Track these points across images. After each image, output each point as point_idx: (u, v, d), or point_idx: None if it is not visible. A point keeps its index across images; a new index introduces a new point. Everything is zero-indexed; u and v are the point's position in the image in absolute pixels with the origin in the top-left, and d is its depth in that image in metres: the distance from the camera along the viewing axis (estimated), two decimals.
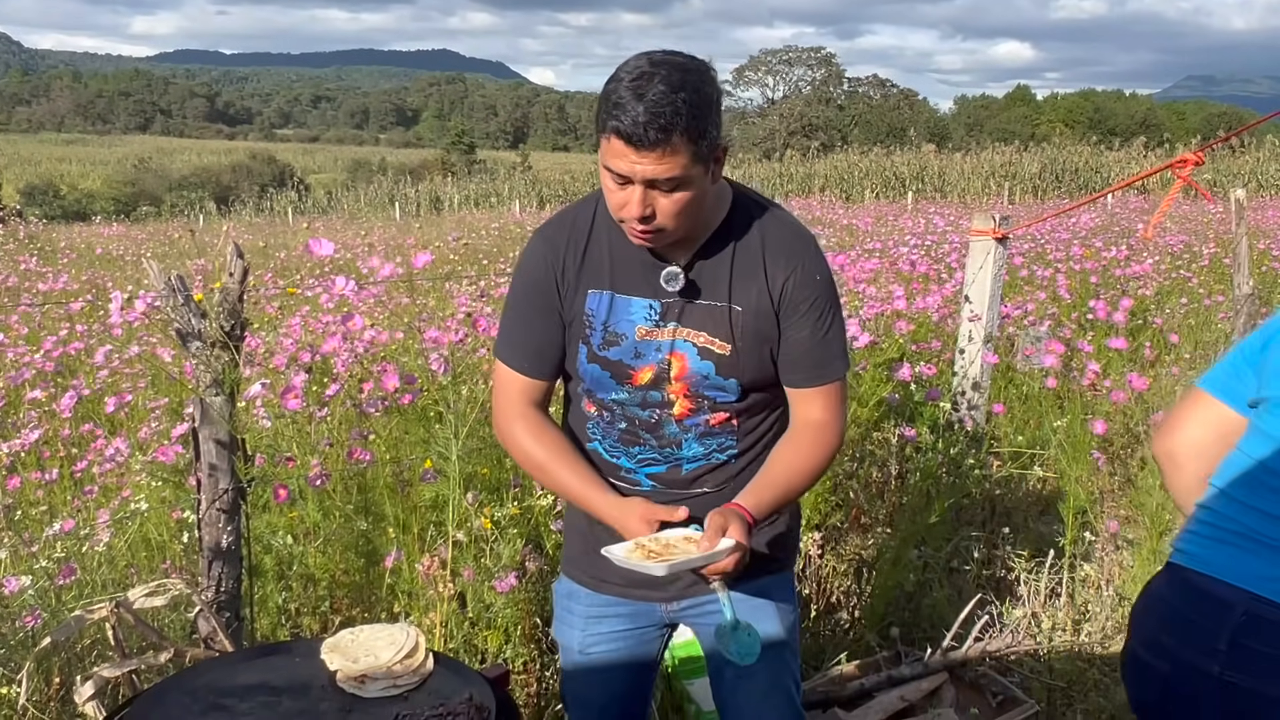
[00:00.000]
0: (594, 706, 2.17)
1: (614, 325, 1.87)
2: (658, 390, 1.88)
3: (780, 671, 2.06)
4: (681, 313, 1.85)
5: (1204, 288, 8.33)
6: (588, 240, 1.89)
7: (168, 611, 2.73)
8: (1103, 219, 14.45)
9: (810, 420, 1.89)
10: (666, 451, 1.92)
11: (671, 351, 1.85)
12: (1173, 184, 3.04)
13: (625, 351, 1.87)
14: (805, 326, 1.84)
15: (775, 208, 1.91)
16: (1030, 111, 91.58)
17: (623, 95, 1.61)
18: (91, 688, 2.22)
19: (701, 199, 1.73)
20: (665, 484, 1.95)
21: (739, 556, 1.71)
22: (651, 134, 1.59)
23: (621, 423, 1.93)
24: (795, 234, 1.87)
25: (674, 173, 1.64)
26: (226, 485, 2.47)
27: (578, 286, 1.89)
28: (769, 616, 2.03)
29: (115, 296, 2.11)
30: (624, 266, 1.87)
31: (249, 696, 1.77)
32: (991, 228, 4.74)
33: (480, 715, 1.68)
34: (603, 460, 1.99)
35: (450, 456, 2.63)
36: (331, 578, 2.97)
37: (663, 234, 1.74)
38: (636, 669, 2.15)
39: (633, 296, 1.86)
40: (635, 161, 1.63)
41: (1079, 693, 3.09)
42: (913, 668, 2.91)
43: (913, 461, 4.15)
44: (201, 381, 2.43)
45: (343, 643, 1.91)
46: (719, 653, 2.03)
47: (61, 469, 3.73)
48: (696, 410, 1.89)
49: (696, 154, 1.64)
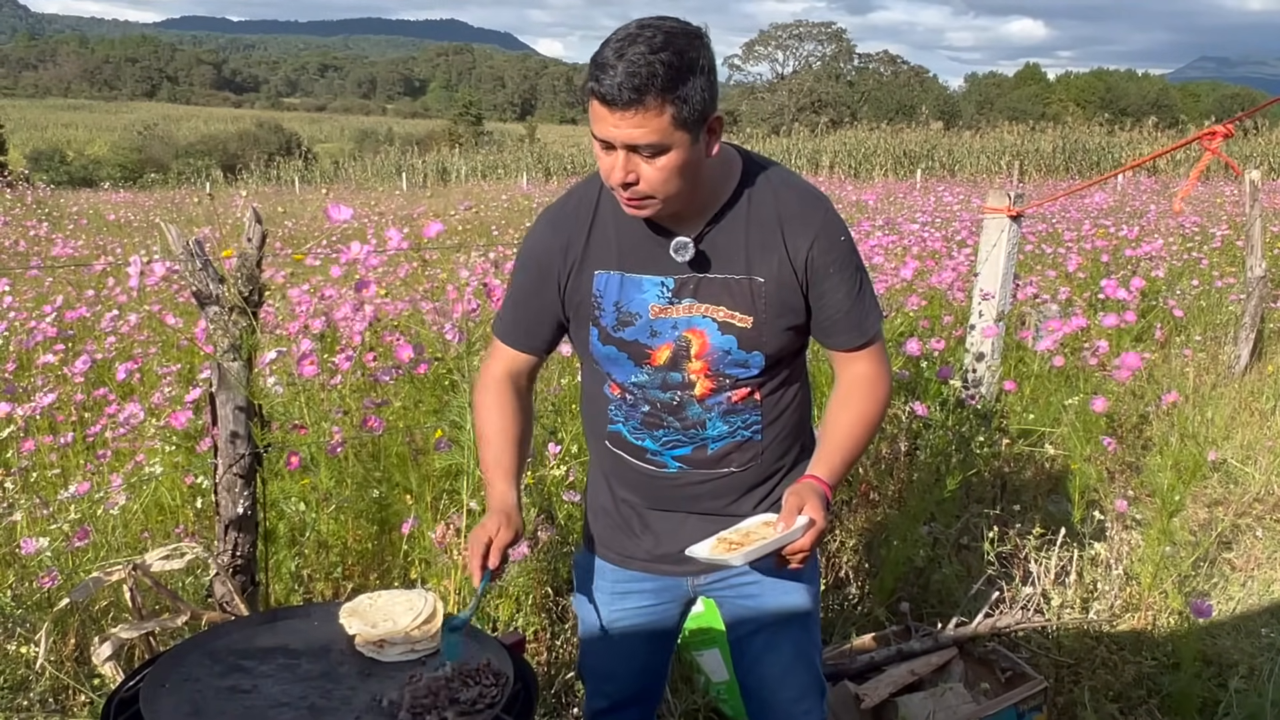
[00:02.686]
0: (614, 679, 2.17)
1: (626, 305, 1.84)
2: (677, 371, 1.85)
3: (804, 643, 2.05)
4: (697, 288, 1.81)
5: (1216, 269, 8.31)
6: (592, 220, 1.86)
7: (182, 575, 2.74)
8: (1115, 199, 14.39)
9: (859, 375, 1.88)
10: (691, 433, 1.90)
11: (689, 328, 1.82)
12: (1201, 156, 3.02)
13: (641, 331, 1.84)
14: (840, 289, 1.82)
15: (783, 172, 1.87)
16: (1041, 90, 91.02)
17: (605, 56, 1.59)
18: (109, 648, 2.24)
19: (691, 168, 1.67)
20: (692, 464, 1.93)
21: (817, 533, 1.69)
22: (625, 94, 1.56)
23: (644, 406, 1.91)
24: (808, 198, 1.83)
25: (653, 137, 1.60)
26: (243, 450, 2.48)
27: (582, 268, 1.87)
28: (796, 589, 2.01)
29: (134, 260, 2.11)
30: (632, 245, 1.83)
31: (268, 659, 1.78)
32: (1006, 205, 4.71)
33: (498, 681, 1.69)
34: (626, 444, 1.97)
35: (464, 425, 2.64)
36: (344, 544, 2.99)
37: (651, 202, 1.70)
38: (657, 643, 2.15)
39: (643, 275, 1.83)
40: (614, 124, 1.60)
41: (1087, 669, 3.10)
42: (922, 642, 2.92)
43: (922, 438, 4.15)
44: (219, 346, 2.44)
45: (361, 607, 1.92)
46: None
47: (75, 433, 3.75)
48: (718, 389, 1.86)
49: (677, 118, 1.59)
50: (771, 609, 2.02)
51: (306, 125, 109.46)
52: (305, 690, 1.68)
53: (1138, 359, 3.43)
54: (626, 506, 2.02)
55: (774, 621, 2.02)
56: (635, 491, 2.00)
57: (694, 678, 3.06)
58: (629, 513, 2.02)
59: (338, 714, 1.61)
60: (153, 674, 1.70)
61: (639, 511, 2.01)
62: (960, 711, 2.63)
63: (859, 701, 2.66)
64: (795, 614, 2.01)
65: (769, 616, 2.02)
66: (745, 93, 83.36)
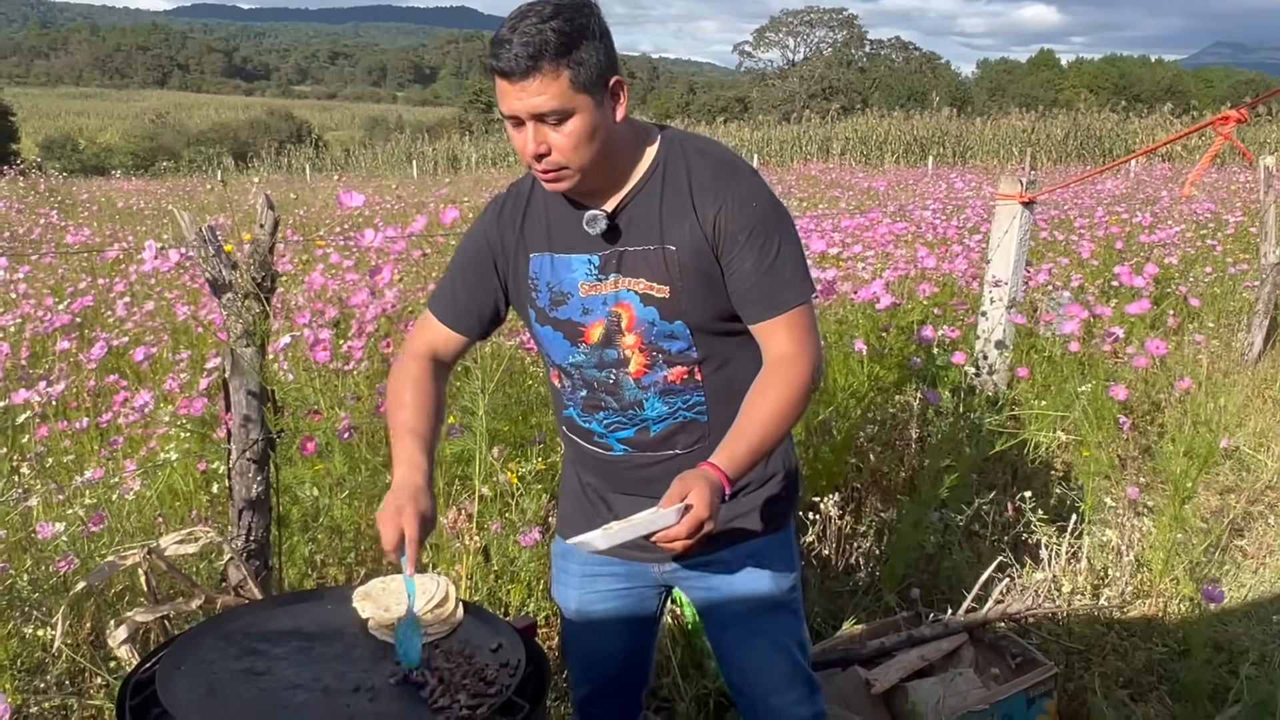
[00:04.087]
0: (594, 663, 2.18)
1: (557, 285, 1.86)
2: (612, 347, 1.85)
3: (779, 634, 2.03)
4: (620, 262, 1.81)
5: (1230, 256, 8.26)
6: (526, 206, 1.90)
7: (196, 560, 2.76)
8: (1128, 186, 14.32)
9: (775, 355, 1.79)
10: (630, 413, 1.90)
11: (617, 303, 1.82)
12: (1213, 141, 3.00)
13: (573, 309, 1.86)
14: (748, 258, 1.77)
15: (706, 144, 1.86)
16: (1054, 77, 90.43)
17: (502, 34, 1.64)
18: (125, 631, 2.26)
19: (598, 132, 1.70)
20: (636, 447, 1.92)
21: (694, 521, 1.59)
22: (522, 64, 1.61)
23: (583, 389, 1.92)
24: (722, 164, 1.81)
25: (555, 103, 1.64)
26: (257, 436, 2.50)
27: (518, 253, 1.90)
28: (763, 579, 1.99)
29: (149, 245, 2.12)
30: (560, 225, 1.86)
31: (282, 642, 1.79)
32: (1018, 191, 4.70)
33: (510, 664, 1.71)
34: (577, 427, 1.98)
35: (477, 411, 2.65)
36: (357, 529, 3.01)
37: (566, 172, 1.72)
38: (635, 627, 2.15)
39: (571, 255, 1.85)
40: (516, 97, 1.64)
41: (1097, 656, 3.11)
42: (933, 628, 2.92)
43: (933, 425, 4.15)
44: (232, 332, 2.45)
45: (374, 591, 1.93)
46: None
47: (90, 419, 3.77)
48: (652, 365, 1.85)
49: (575, 80, 1.63)
50: (738, 599, 2.00)
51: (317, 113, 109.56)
52: (319, 672, 1.69)
53: (1163, 345, 3.41)
54: (591, 490, 2.03)
55: (744, 613, 2.00)
56: (595, 475, 2.02)
57: (704, 663, 3.07)
58: (594, 496, 2.03)
59: (351, 696, 1.62)
60: (168, 656, 1.71)
61: (603, 495, 2.02)
62: (970, 697, 2.64)
63: (869, 686, 2.67)
64: (764, 603, 1.99)
65: (737, 607, 2.00)
66: (756, 79, 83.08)
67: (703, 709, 2.99)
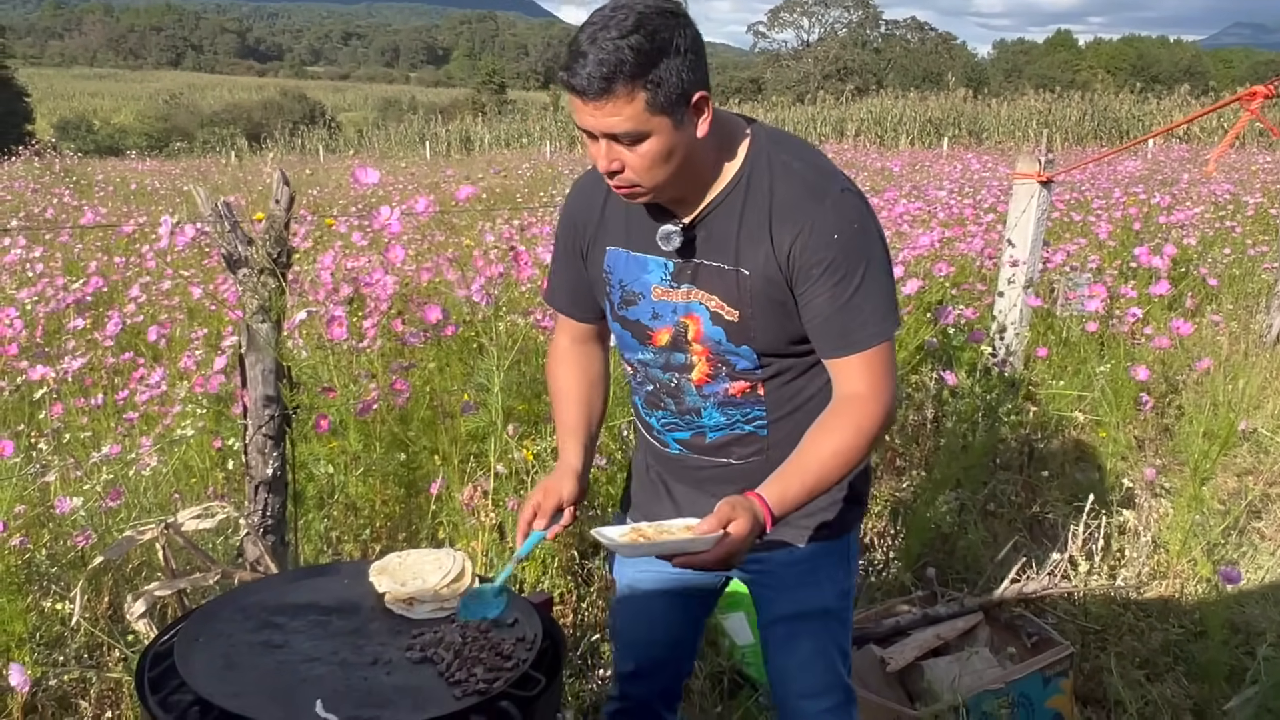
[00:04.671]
0: (639, 644, 2.16)
1: (630, 284, 1.82)
2: (681, 352, 1.81)
3: (825, 640, 1.98)
4: (695, 273, 1.74)
5: (1249, 238, 8.19)
6: (608, 192, 1.81)
7: (213, 536, 2.77)
8: (1147, 167, 14.19)
9: (846, 394, 1.69)
10: (687, 418, 1.87)
11: (687, 313, 1.76)
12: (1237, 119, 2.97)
13: (643, 311, 1.82)
14: (822, 292, 1.65)
15: (796, 154, 1.72)
16: (1071, 57, 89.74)
17: (579, 44, 1.53)
18: (142, 605, 2.27)
19: (675, 153, 1.61)
20: (691, 449, 1.90)
21: (725, 551, 1.54)
22: (595, 85, 1.51)
23: (648, 385, 1.90)
24: (806, 189, 1.67)
25: (629, 126, 1.55)
26: (273, 412, 2.50)
27: (597, 241, 1.86)
28: (818, 583, 1.95)
29: (165, 220, 2.12)
30: (639, 223, 1.79)
31: (300, 615, 1.80)
32: (1036, 170, 4.66)
33: (526, 639, 1.71)
34: (640, 416, 1.98)
35: (492, 388, 2.64)
36: (372, 506, 3.01)
37: (640, 190, 1.65)
38: (685, 613, 2.13)
39: (647, 255, 1.79)
40: (589, 114, 1.56)
41: (1113, 636, 3.10)
42: (948, 607, 2.92)
43: (949, 405, 4.13)
44: (248, 308, 2.45)
45: (390, 565, 1.93)
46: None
47: (106, 397, 3.79)
48: (715, 376, 1.80)
49: (652, 103, 1.53)
50: (790, 598, 1.97)
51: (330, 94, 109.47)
52: (336, 646, 1.69)
53: (1186, 325, 3.39)
54: (655, 474, 2.02)
55: (793, 613, 1.98)
56: (658, 462, 2.01)
57: (719, 641, 3.07)
58: (655, 478, 2.02)
59: (368, 669, 1.62)
60: (186, 629, 1.72)
61: (665, 482, 2.01)
62: (985, 676, 2.63)
63: (884, 665, 2.67)
64: (814, 607, 1.96)
65: (787, 606, 1.98)
66: (770, 60, 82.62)
67: (716, 686, 2.99)
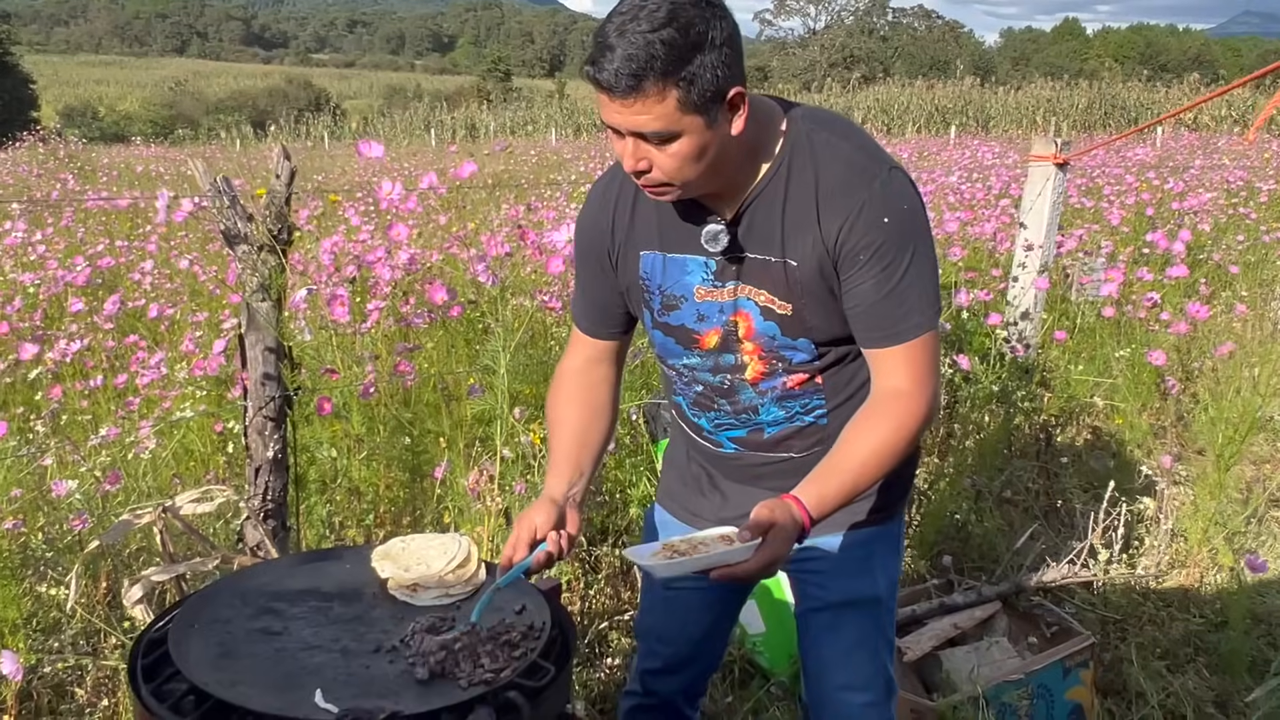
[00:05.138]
0: (667, 642, 2.07)
1: (670, 288, 1.71)
2: (730, 353, 1.72)
3: (869, 631, 1.89)
4: (740, 269, 1.65)
5: (1263, 224, 8.10)
6: (638, 193, 1.69)
7: (213, 520, 2.72)
8: (1157, 154, 14.08)
9: (887, 389, 1.61)
10: (744, 417, 1.78)
11: (735, 312, 1.67)
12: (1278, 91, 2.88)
13: (687, 315, 1.72)
14: (868, 278, 1.56)
15: (840, 133, 1.62)
16: (1079, 46, 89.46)
17: (606, 35, 1.42)
18: (139, 590, 2.21)
19: (708, 151, 1.50)
20: (748, 446, 1.81)
21: (763, 562, 1.47)
22: (623, 82, 1.40)
23: (697, 386, 1.81)
24: (853, 170, 1.57)
25: (657, 125, 1.44)
26: (273, 393, 2.43)
27: (628, 247, 1.74)
28: (864, 570, 1.86)
29: (162, 195, 2.05)
30: (673, 223, 1.68)
31: (300, 601, 1.73)
32: (1052, 153, 4.58)
33: (534, 627, 1.64)
34: (686, 418, 1.89)
35: (499, 370, 2.57)
36: (376, 491, 2.95)
37: (670, 189, 1.54)
38: (718, 608, 2.05)
39: (686, 255, 1.68)
40: (616, 112, 1.45)
41: (1133, 626, 3.03)
42: (966, 596, 2.85)
43: (962, 391, 4.06)
44: (248, 286, 2.38)
45: (394, 551, 1.87)
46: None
47: (105, 378, 3.73)
48: (771, 373, 1.71)
49: (684, 101, 1.42)
50: (834, 587, 1.88)
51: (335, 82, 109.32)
52: (337, 633, 1.63)
53: (1204, 309, 3.31)
54: (698, 466, 1.94)
55: (837, 602, 1.88)
56: (705, 459, 1.93)
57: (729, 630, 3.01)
58: (699, 471, 1.94)
59: (371, 657, 1.56)
60: (182, 614, 1.65)
61: (712, 477, 1.93)
62: (1004, 666, 2.56)
63: (901, 655, 2.60)
64: (859, 596, 1.87)
65: (831, 595, 1.89)
66: (776, 48, 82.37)
67: (727, 676, 2.93)
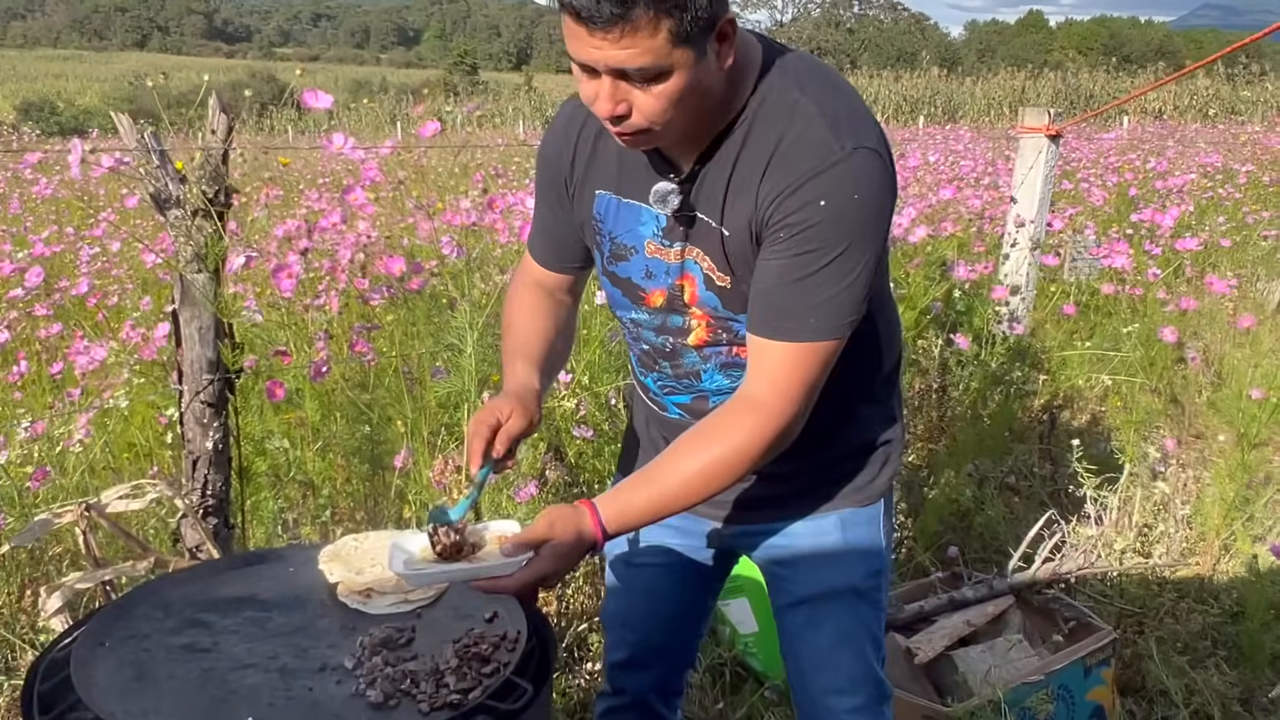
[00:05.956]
0: (633, 628, 1.87)
1: (620, 236, 1.53)
2: (678, 314, 1.54)
3: (852, 624, 1.68)
4: (690, 231, 1.47)
5: (1245, 205, 8.01)
6: (600, 127, 1.47)
7: (147, 518, 2.45)
8: (1124, 143, 14.00)
9: (747, 393, 1.42)
10: (686, 382, 1.60)
11: (681, 275, 1.50)
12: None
13: (635, 269, 1.53)
14: (779, 257, 1.37)
15: (815, 96, 1.39)
16: (1043, 38, 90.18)
17: None
18: (59, 600, 1.96)
19: (698, 89, 1.30)
20: (692, 414, 1.61)
21: (528, 583, 1.33)
22: (608, 9, 1.19)
23: (642, 344, 1.63)
24: (811, 139, 1.35)
25: (646, 60, 1.24)
26: (212, 375, 2.18)
27: (585, 182, 1.55)
28: (843, 557, 1.66)
29: (75, 145, 1.79)
30: (632, 165, 1.49)
31: (233, 611, 1.49)
32: (1045, 124, 4.38)
33: (508, 637, 1.40)
34: (635, 375, 1.72)
35: (465, 349, 2.33)
36: (333, 485, 2.69)
37: (649, 135, 1.34)
38: (685, 590, 1.85)
39: (640, 204, 1.49)
40: (595, 45, 1.24)
41: (1151, 619, 2.83)
42: (976, 590, 2.63)
43: (953, 374, 3.86)
44: (182, 256, 2.12)
45: (344, 551, 1.63)
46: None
47: (39, 369, 3.44)
48: (716, 341, 1.54)
49: (677, 32, 1.22)
50: (810, 576, 1.68)
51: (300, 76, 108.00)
52: (276, 648, 1.39)
53: (1221, 283, 3.14)
54: (654, 429, 1.73)
55: (814, 593, 1.68)
56: (655, 423, 1.72)
57: (719, 630, 2.79)
58: (655, 434, 1.73)
59: (314, 677, 1.32)
60: (91, 630, 1.41)
61: (664, 437, 1.70)
62: (1023, 666, 2.34)
63: (911, 656, 2.38)
64: (839, 585, 1.67)
65: (807, 586, 1.69)
66: None
67: (717, 680, 2.71)
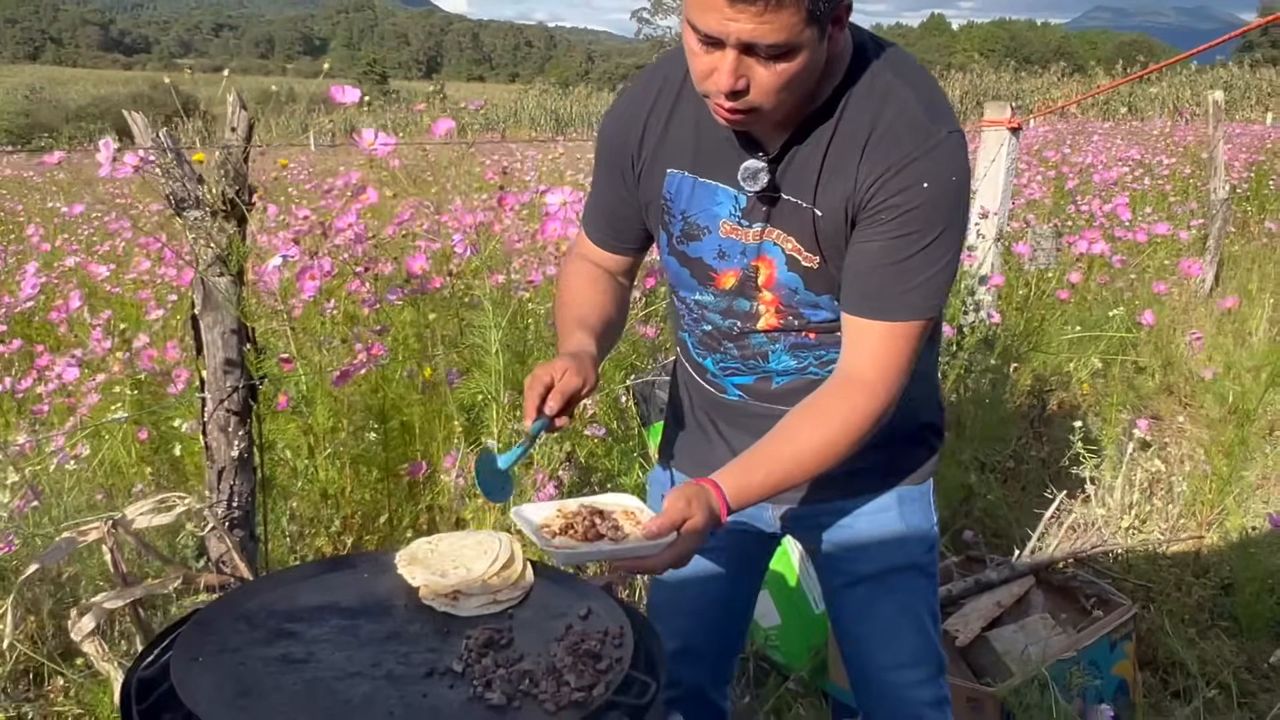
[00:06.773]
0: (685, 614, 1.85)
1: (694, 215, 1.52)
2: (747, 299, 1.53)
3: (910, 598, 1.70)
4: (771, 211, 1.46)
5: (1172, 195, 8.29)
6: (675, 104, 1.50)
7: (160, 533, 2.35)
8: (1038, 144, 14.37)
9: (849, 373, 1.44)
10: (751, 363, 1.59)
11: (759, 256, 1.49)
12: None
13: (707, 249, 1.52)
14: (880, 238, 1.38)
15: (908, 79, 1.42)
16: (946, 40, 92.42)
17: None
18: (91, 621, 1.86)
19: (812, 71, 1.31)
20: (753, 396, 1.62)
21: (674, 560, 1.36)
22: None
23: (705, 325, 1.61)
24: (911, 122, 1.38)
25: (781, 36, 1.22)
26: (236, 381, 2.10)
27: (655, 161, 1.53)
28: (898, 534, 1.67)
29: (105, 144, 1.71)
30: (711, 144, 1.48)
31: (319, 620, 1.43)
32: (1007, 117, 4.47)
33: (610, 632, 1.37)
34: (689, 357, 1.69)
35: (489, 347, 2.28)
36: (342, 493, 2.61)
37: (758, 114, 1.34)
38: (734, 578, 1.83)
39: (717, 184, 1.49)
40: (730, 18, 1.22)
41: (1159, 593, 2.89)
42: (999, 571, 2.66)
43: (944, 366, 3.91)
44: (202, 259, 2.04)
45: (421, 553, 1.57)
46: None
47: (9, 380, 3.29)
48: (785, 328, 1.54)
49: (812, 11, 1.22)
50: (866, 555, 1.69)
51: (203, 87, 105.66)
52: (376, 655, 1.34)
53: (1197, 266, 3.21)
54: (702, 413, 1.73)
55: (872, 571, 1.69)
56: (707, 406, 1.71)
57: None
58: (704, 418, 1.72)
59: (425, 683, 1.27)
60: (180, 646, 1.33)
61: (715, 424, 1.71)
62: (1054, 644, 2.38)
63: (953, 639, 2.39)
64: (896, 561, 1.69)
65: (864, 564, 1.70)
66: (655, 46, 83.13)
67: (742, 674, 2.70)
